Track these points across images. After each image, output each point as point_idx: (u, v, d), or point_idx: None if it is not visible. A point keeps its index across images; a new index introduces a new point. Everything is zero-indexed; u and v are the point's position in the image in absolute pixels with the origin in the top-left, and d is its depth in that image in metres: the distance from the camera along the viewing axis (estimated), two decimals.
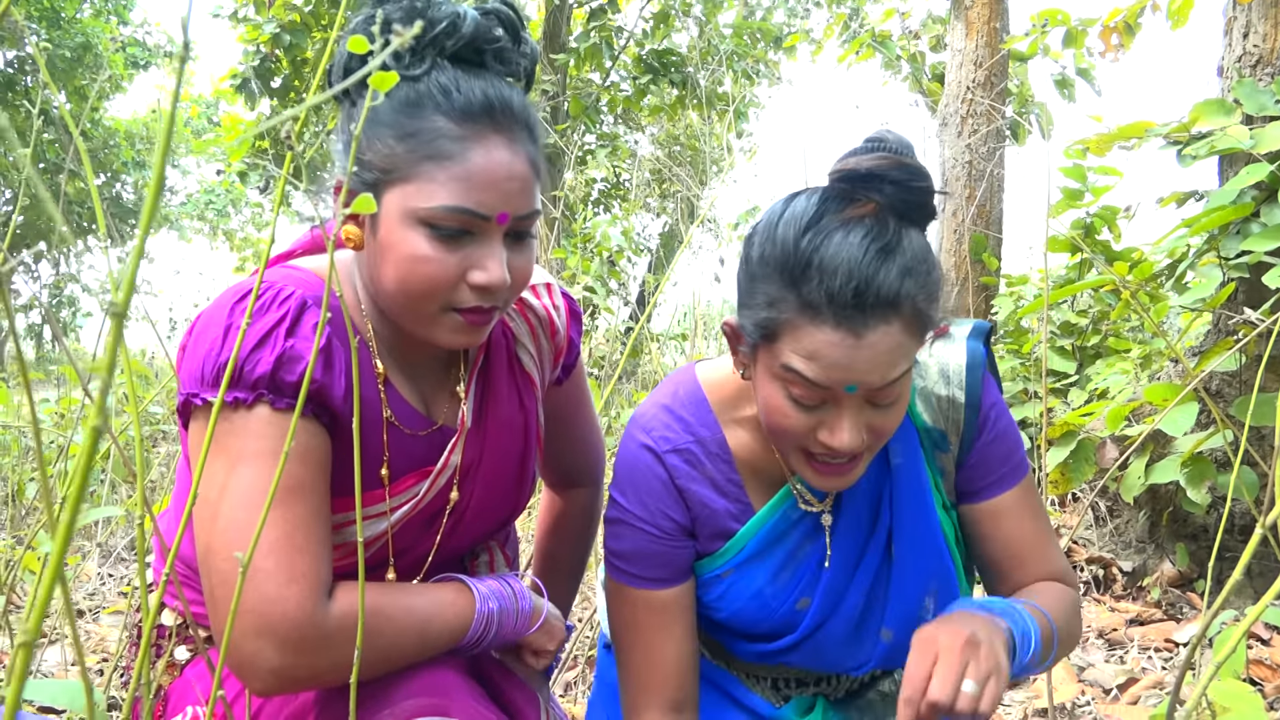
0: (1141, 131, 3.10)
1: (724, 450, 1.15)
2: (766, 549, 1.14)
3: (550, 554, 1.47)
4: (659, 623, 1.15)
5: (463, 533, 1.18)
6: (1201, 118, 2.91)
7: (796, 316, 0.95)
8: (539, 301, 1.25)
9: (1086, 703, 2.09)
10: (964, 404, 1.14)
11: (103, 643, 2.24)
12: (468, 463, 1.15)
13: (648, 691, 1.15)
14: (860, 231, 0.94)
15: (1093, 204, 4.11)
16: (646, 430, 1.15)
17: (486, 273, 0.98)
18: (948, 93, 4.81)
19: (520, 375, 1.23)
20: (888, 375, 0.96)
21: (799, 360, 0.96)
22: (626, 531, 1.14)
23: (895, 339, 0.95)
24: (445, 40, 1.00)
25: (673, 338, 6.08)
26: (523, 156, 1.00)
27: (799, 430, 1.00)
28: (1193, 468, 2.56)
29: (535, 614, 1.15)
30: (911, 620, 1.15)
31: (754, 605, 1.16)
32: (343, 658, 0.96)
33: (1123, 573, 2.92)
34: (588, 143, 9.43)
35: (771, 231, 0.99)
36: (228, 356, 0.97)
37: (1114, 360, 3.95)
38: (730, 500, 1.15)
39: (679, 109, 8.90)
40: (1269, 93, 2.82)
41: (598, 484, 1.48)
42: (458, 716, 1.00)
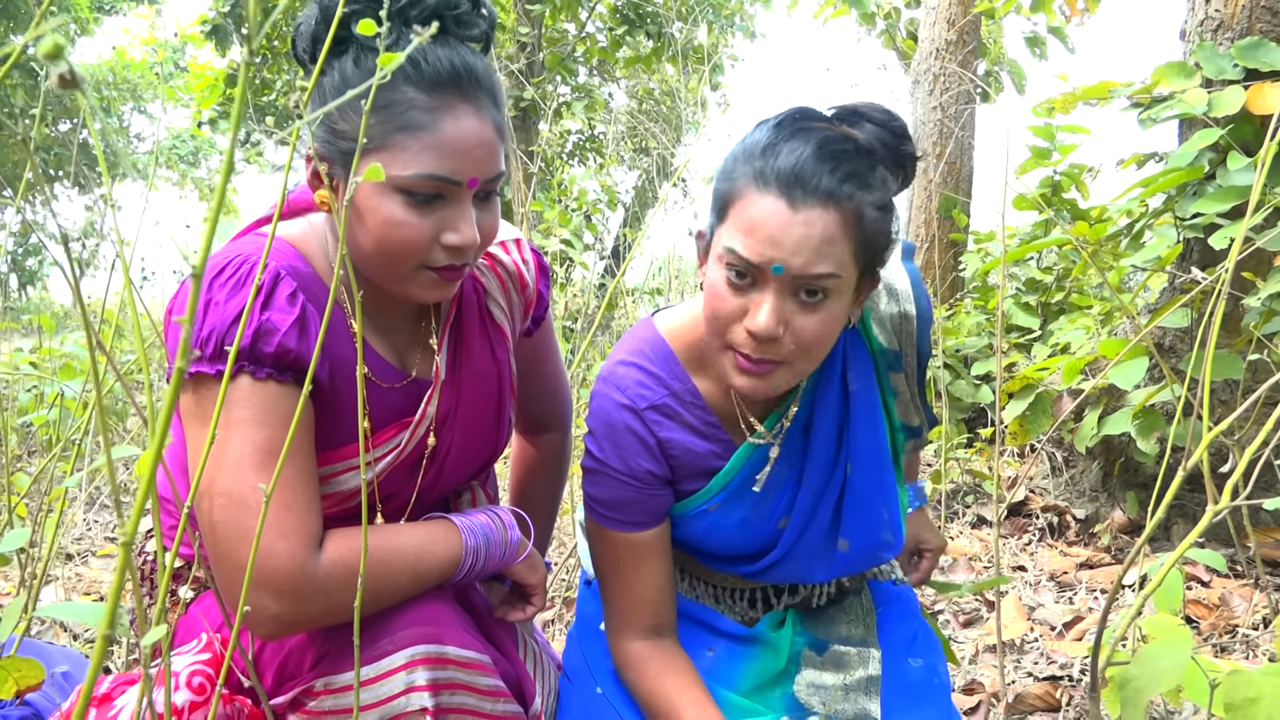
0: (1105, 92, 3.18)
1: (697, 397, 1.22)
2: (748, 481, 1.23)
3: (525, 497, 1.55)
4: (638, 559, 1.23)
5: (446, 477, 1.26)
6: (1163, 80, 2.99)
7: (746, 185, 1.04)
8: (509, 256, 1.32)
9: (1035, 639, 2.21)
10: (915, 315, 1.22)
11: (95, 584, 2.31)
12: (444, 412, 1.22)
13: (629, 618, 1.24)
14: (825, 136, 1.03)
15: (1060, 162, 4.20)
16: (622, 389, 1.20)
17: (459, 234, 1.05)
18: (920, 51, 4.86)
19: (492, 327, 1.29)
20: (813, 263, 1.01)
21: (739, 235, 1.03)
22: (605, 481, 1.21)
23: (829, 228, 1.01)
24: (410, 10, 1.05)
25: (647, 292, 6.14)
26: (489, 123, 1.06)
27: (729, 314, 1.06)
28: (1143, 420, 2.67)
29: (522, 545, 1.23)
30: (864, 531, 1.25)
31: (741, 532, 1.25)
32: (337, 602, 1.04)
33: (1076, 520, 3.05)
34: (562, 93, 9.39)
35: (749, 133, 1.08)
36: (210, 329, 1.04)
37: (1076, 316, 4.06)
38: (712, 441, 1.22)
39: (655, 61, 8.87)
40: (1228, 57, 2.90)
41: (567, 429, 1.56)
42: (451, 644, 1.10)
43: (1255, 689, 1.16)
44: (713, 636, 1.34)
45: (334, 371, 1.12)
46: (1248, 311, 2.45)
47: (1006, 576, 2.04)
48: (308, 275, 1.12)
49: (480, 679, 1.12)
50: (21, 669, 0.88)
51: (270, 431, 1.04)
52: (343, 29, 1.04)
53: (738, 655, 1.32)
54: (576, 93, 9.53)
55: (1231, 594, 2.34)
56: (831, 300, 1.05)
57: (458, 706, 1.10)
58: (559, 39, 8.94)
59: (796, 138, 1.03)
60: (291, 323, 1.06)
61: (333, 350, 1.12)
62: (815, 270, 1.02)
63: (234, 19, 8.74)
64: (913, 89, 4.91)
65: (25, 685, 0.89)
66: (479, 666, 1.11)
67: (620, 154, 9.26)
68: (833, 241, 1.02)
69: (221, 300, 1.04)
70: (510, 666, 1.22)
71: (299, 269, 1.11)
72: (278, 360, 1.05)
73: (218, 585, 1.06)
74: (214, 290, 1.05)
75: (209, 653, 1.13)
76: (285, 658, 1.14)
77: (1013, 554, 2.87)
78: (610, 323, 5.53)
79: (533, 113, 7.52)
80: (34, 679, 0.89)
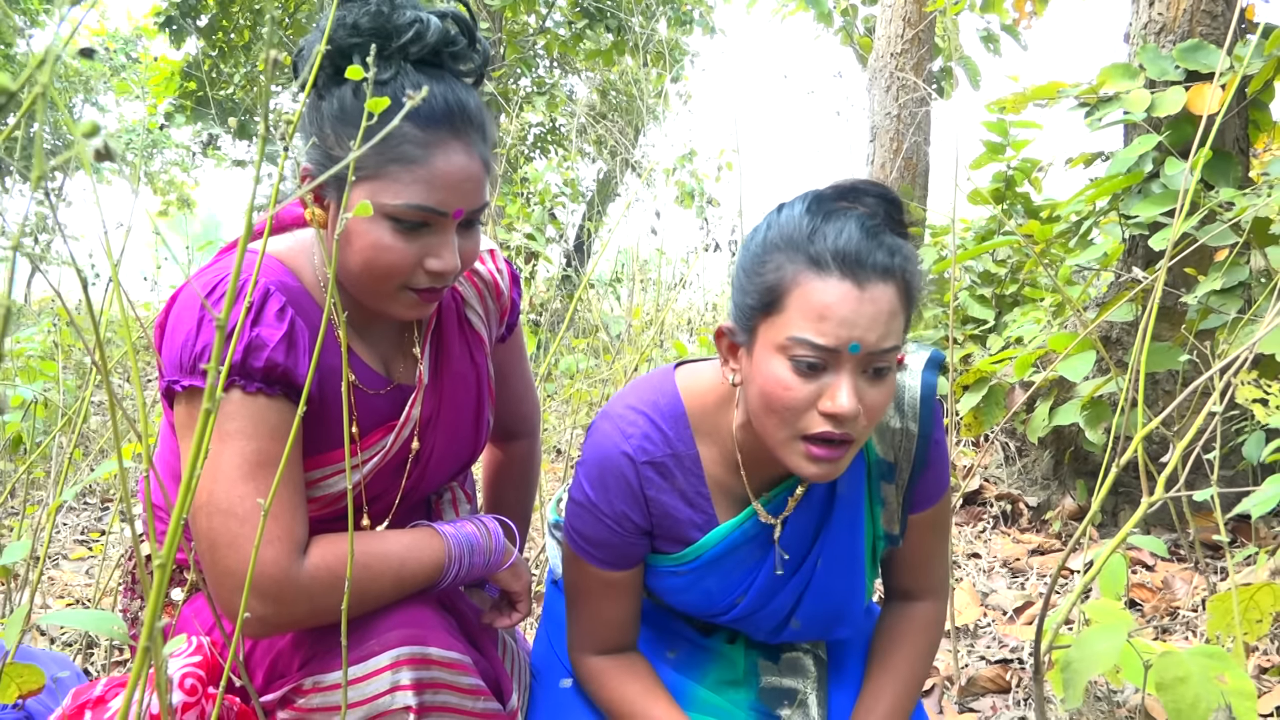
0: (1054, 92, 3.28)
1: (696, 466, 1.23)
2: (723, 557, 1.25)
3: (498, 504, 1.60)
4: (608, 593, 1.27)
5: (429, 477, 1.31)
6: (1108, 81, 3.09)
7: (804, 272, 1.03)
8: (484, 267, 1.38)
9: (988, 624, 2.31)
10: (916, 435, 1.21)
11: (67, 588, 2.33)
12: (427, 415, 1.28)
13: (592, 639, 1.29)
14: (857, 214, 1.05)
15: (1014, 158, 4.30)
16: (627, 437, 1.21)
17: (442, 260, 1.11)
18: (877, 48, 4.95)
19: (470, 334, 1.35)
20: (885, 337, 1.03)
21: (806, 323, 1.03)
22: (589, 518, 1.23)
23: (892, 302, 1.03)
24: (411, 47, 1.10)
25: (608, 284, 6.19)
26: (477, 158, 1.12)
27: (800, 403, 1.05)
28: (1091, 411, 2.78)
29: (508, 553, 1.28)
30: (818, 620, 1.29)
31: (700, 599, 1.29)
32: (321, 605, 1.09)
33: (1029, 507, 3.15)
34: (523, 86, 9.39)
35: (773, 221, 1.09)
36: (202, 346, 1.09)
37: (1029, 309, 4.17)
38: (696, 511, 1.24)
39: (615, 55, 8.90)
40: (1170, 59, 3.01)
41: (535, 435, 1.61)
42: (434, 645, 1.15)
43: (1184, 669, 1.24)
44: (673, 638, 1.39)
45: (322, 380, 1.17)
46: (1189, 307, 2.55)
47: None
48: (296, 290, 1.17)
49: (462, 678, 1.17)
50: (23, 674, 0.92)
51: (260, 444, 1.09)
52: (344, 59, 1.09)
53: (699, 656, 1.37)
54: (538, 86, 9.54)
55: (1174, 577, 2.45)
56: (892, 372, 1.08)
57: (441, 705, 1.15)
58: (519, 32, 8.94)
59: (834, 219, 1.04)
60: (280, 338, 1.11)
61: (320, 360, 1.17)
62: (886, 345, 1.04)
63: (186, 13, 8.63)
64: (870, 86, 5.00)
65: (27, 690, 0.93)
66: (461, 667, 1.17)
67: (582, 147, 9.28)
68: (896, 315, 1.04)
69: (211, 318, 1.08)
70: (489, 666, 1.28)
71: (287, 284, 1.16)
72: (267, 374, 1.10)
73: (210, 590, 1.10)
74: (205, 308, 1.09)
75: (200, 655, 1.18)
76: (275, 658, 1.18)
77: (968, 541, 2.97)
78: (575, 316, 5.58)
79: (494, 108, 7.52)
80: (35, 684, 0.93)
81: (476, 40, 1.16)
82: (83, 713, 1.16)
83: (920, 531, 1.30)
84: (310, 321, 1.16)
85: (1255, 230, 2.42)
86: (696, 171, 5.39)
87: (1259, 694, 1.83)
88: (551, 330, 5.13)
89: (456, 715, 1.16)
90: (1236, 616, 1.40)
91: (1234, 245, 2.46)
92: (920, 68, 4.91)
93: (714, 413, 1.22)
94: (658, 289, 5.00)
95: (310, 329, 1.15)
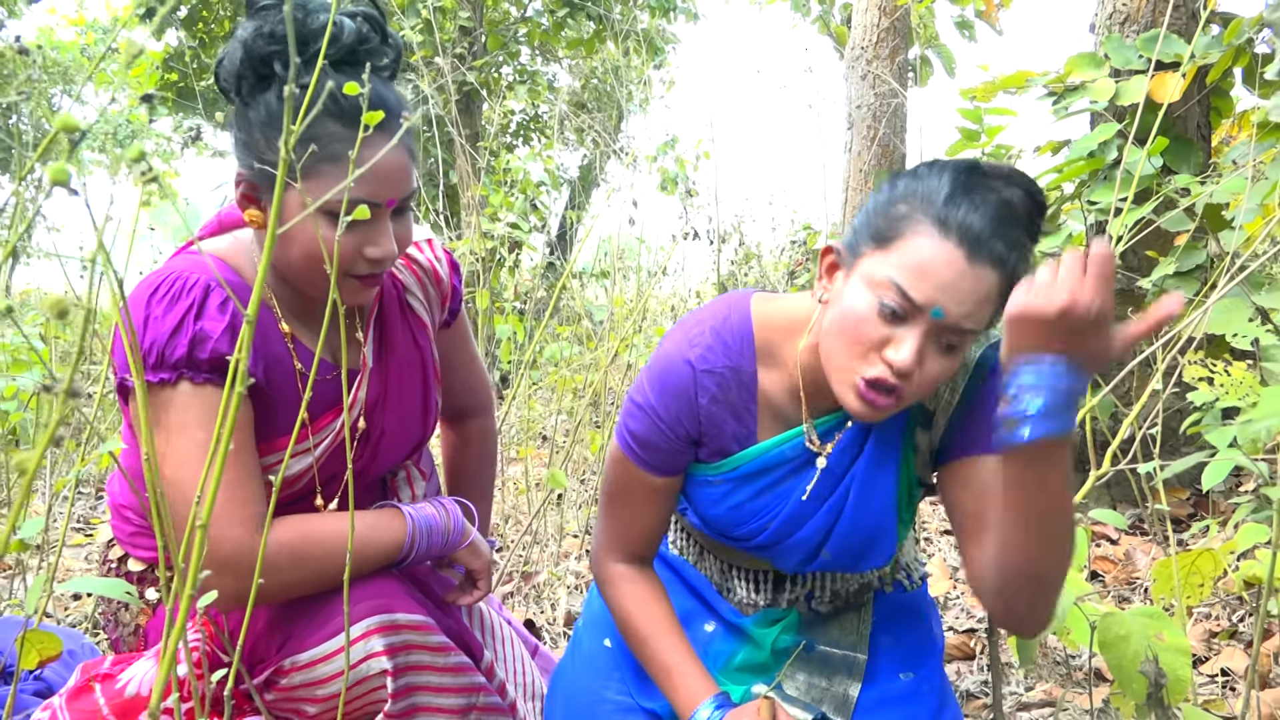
0: (1022, 81, 3.36)
1: (751, 384, 1.27)
2: (756, 475, 1.29)
3: (459, 484, 1.67)
4: (648, 498, 1.33)
5: (381, 457, 1.39)
6: (1075, 70, 3.18)
7: (927, 225, 1.06)
8: (423, 255, 1.46)
9: (957, 596, 2.40)
10: (960, 393, 1.24)
11: (67, 573, 2.40)
12: (374, 397, 1.35)
13: (620, 542, 1.35)
14: (1010, 199, 1.06)
15: (988, 144, 4.39)
16: (692, 345, 1.26)
17: (380, 248, 1.20)
18: (854, 37, 5.02)
19: (412, 318, 1.43)
20: (969, 316, 1.06)
21: (906, 272, 1.06)
22: (645, 421, 1.28)
23: (991, 288, 1.05)
24: (328, 50, 1.16)
25: (594, 274, 6.25)
26: (402, 149, 1.19)
27: (870, 341, 1.09)
28: None
29: (466, 533, 1.36)
30: (845, 551, 1.32)
31: (729, 514, 1.33)
32: (288, 579, 1.19)
33: None
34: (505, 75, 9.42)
35: (922, 173, 1.11)
36: (152, 342, 1.16)
37: None
38: (740, 426, 1.29)
39: (597, 43, 8.94)
40: (1134, 48, 3.10)
41: (488, 412, 1.68)
42: (400, 610, 1.24)
43: (1126, 627, 1.34)
44: (711, 615, 1.45)
45: (268, 369, 1.24)
46: (1148, 292, 2.65)
47: None
48: (237, 284, 1.25)
49: (430, 638, 1.26)
50: (43, 641, 0.99)
51: (212, 431, 1.15)
52: (265, 67, 1.16)
53: (731, 640, 1.43)
54: (520, 75, 9.57)
55: (1135, 550, 2.55)
56: (961, 351, 1.10)
57: (414, 664, 1.25)
58: (500, 21, 8.97)
59: (977, 194, 1.06)
60: (223, 329, 1.18)
61: (265, 350, 1.24)
62: (968, 324, 1.07)
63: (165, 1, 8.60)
64: (846, 75, 5.08)
65: (46, 656, 1.00)
66: (427, 628, 1.26)
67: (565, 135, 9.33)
68: (990, 301, 1.06)
69: (159, 315, 1.16)
70: (454, 625, 1.36)
71: (229, 279, 1.24)
72: (214, 365, 1.17)
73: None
74: (151, 306, 1.17)
75: (200, 632, 1.26)
76: (254, 643, 1.27)
77: (941, 519, 3.06)
78: (559, 305, 5.65)
79: (475, 98, 7.56)
80: (54, 650, 1.01)
81: (389, 36, 1.23)
82: (92, 686, 1.24)
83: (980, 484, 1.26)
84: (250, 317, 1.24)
85: (1209, 215, 2.51)
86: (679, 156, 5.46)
87: (1208, 657, 1.93)
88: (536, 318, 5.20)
89: (430, 672, 1.26)
90: (1177, 581, 1.49)
91: (1191, 230, 2.55)
92: (896, 56, 4.99)
93: (781, 339, 1.26)
94: (638, 277, 5.07)
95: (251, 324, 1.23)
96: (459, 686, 1.30)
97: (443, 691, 1.28)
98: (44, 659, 1.00)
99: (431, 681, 1.27)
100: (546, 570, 2.51)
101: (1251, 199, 2.42)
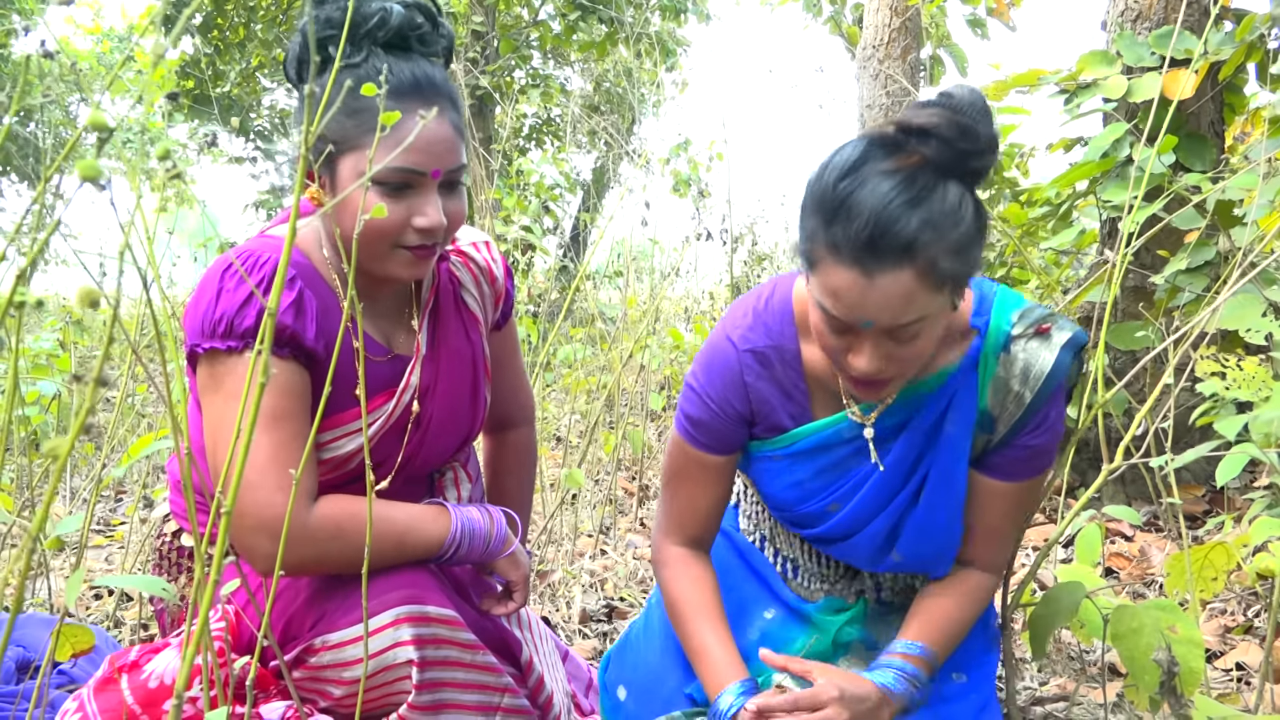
0: (1034, 80, 3.36)
1: (796, 361, 1.30)
2: (814, 452, 1.32)
3: (497, 493, 1.68)
4: (704, 478, 1.37)
5: (429, 444, 1.41)
6: (1087, 68, 3.18)
7: (824, 253, 1.09)
8: (479, 255, 1.50)
9: None
10: (1026, 405, 1.23)
11: (90, 573, 2.43)
12: (426, 383, 1.38)
13: (680, 525, 1.39)
14: (892, 182, 1.05)
15: (1001, 143, 4.38)
16: (735, 326, 1.32)
17: (427, 217, 1.23)
18: (865, 37, 5.03)
19: (466, 313, 1.46)
20: (899, 317, 1.08)
21: (825, 295, 1.10)
22: (696, 400, 1.33)
23: (906, 285, 1.06)
24: (377, 32, 1.24)
25: (607, 276, 6.27)
26: (446, 123, 1.24)
27: (834, 349, 1.16)
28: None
29: (508, 542, 1.37)
30: (919, 555, 1.34)
31: (791, 491, 1.35)
32: (325, 551, 1.23)
33: None
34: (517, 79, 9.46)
35: (821, 172, 1.12)
36: (222, 312, 1.22)
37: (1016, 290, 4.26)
38: (793, 403, 1.32)
39: (609, 46, 8.97)
40: (1146, 45, 3.10)
41: (530, 423, 1.70)
42: (432, 604, 1.26)
43: (1139, 620, 1.34)
44: (772, 601, 1.47)
45: (328, 347, 1.28)
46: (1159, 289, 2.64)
47: None
48: (305, 267, 1.30)
49: (460, 634, 1.28)
50: (76, 635, 1.01)
51: (272, 400, 1.22)
52: (322, 51, 1.23)
53: (792, 626, 1.44)
54: (532, 79, 9.61)
55: (1150, 547, 2.54)
56: (926, 327, 1.12)
57: (443, 659, 1.26)
58: (512, 25, 9.01)
59: (863, 191, 1.06)
60: (289, 304, 1.24)
61: (326, 326, 1.29)
62: (902, 321, 1.09)
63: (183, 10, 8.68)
64: (858, 75, 5.08)
65: (79, 649, 1.02)
66: (457, 623, 1.27)
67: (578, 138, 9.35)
68: (913, 295, 1.07)
69: (231, 288, 1.22)
70: (492, 624, 1.37)
71: (298, 261, 1.30)
72: (276, 337, 1.23)
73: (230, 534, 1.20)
74: (225, 280, 1.23)
75: (224, 621, 1.28)
76: (289, 621, 1.29)
77: None
78: (572, 307, 5.67)
79: (488, 101, 7.60)
80: (86, 644, 1.03)
81: (440, 24, 1.30)
82: (118, 677, 1.26)
83: (1000, 504, 1.32)
84: (319, 295, 1.28)
85: (1219, 212, 2.51)
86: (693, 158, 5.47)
87: (1223, 652, 1.93)
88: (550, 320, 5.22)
89: (458, 668, 1.27)
90: (1189, 575, 1.50)
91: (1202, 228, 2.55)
92: (908, 55, 4.99)
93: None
94: (651, 278, 5.09)
95: (318, 300, 1.28)
96: (486, 684, 1.31)
97: (469, 688, 1.30)
98: (78, 651, 1.02)
99: (459, 678, 1.28)
100: (561, 569, 2.52)
101: (1264, 195, 2.42)
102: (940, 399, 1.27)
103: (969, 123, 1.06)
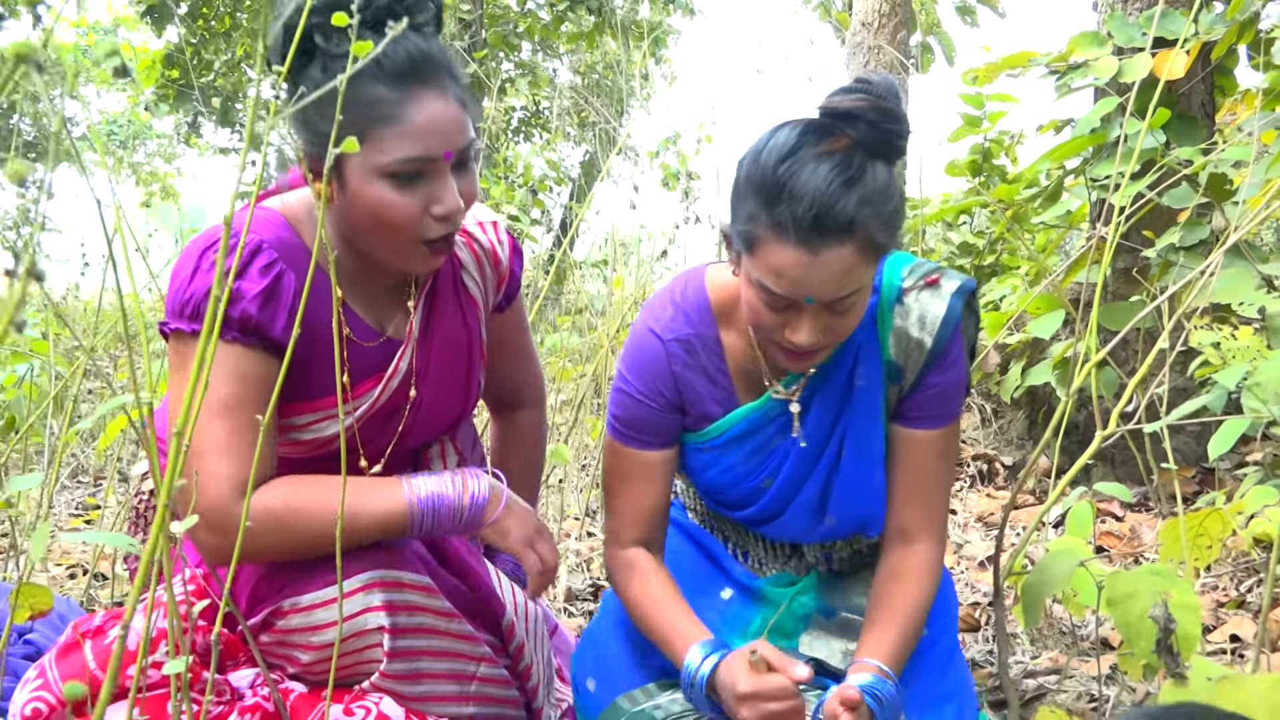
0: (1025, 61, 3.34)
1: (717, 346, 1.34)
2: (744, 436, 1.35)
3: (506, 474, 1.63)
4: (645, 475, 1.37)
5: (419, 427, 1.37)
6: (1078, 49, 3.15)
7: (767, 233, 1.12)
8: (485, 236, 1.44)
9: (961, 571, 2.38)
10: (928, 350, 1.29)
11: (65, 554, 2.38)
12: (418, 368, 1.33)
13: (627, 527, 1.38)
14: (829, 164, 1.10)
15: (990, 130, 4.36)
16: (656, 319, 1.34)
17: (444, 204, 1.17)
18: (854, 23, 5.00)
19: (465, 297, 1.40)
20: (840, 290, 1.13)
21: (767, 275, 1.13)
22: (628, 401, 1.35)
23: (848, 260, 1.11)
24: (363, 12, 1.11)
25: (594, 264, 6.23)
26: (452, 100, 1.17)
27: (769, 327, 1.18)
28: (1062, 370, 2.85)
29: (493, 501, 1.26)
30: (850, 513, 1.38)
31: (725, 477, 1.38)
32: (266, 543, 1.16)
33: (1004, 466, 3.23)
34: (506, 70, 9.41)
35: (757, 156, 1.15)
36: (192, 293, 1.17)
37: (1006, 277, 4.24)
38: (718, 389, 1.35)
39: (597, 36, 8.92)
40: (1136, 26, 3.07)
41: (541, 403, 1.65)
42: (406, 569, 1.23)
43: (1133, 585, 1.31)
44: (726, 580, 1.47)
45: (314, 331, 1.22)
46: (1152, 264, 2.62)
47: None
48: (293, 245, 1.23)
49: (435, 601, 1.24)
50: (35, 595, 0.97)
51: (231, 388, 1.16)
52: (307, 41, 1.14)
53: (748, 605, 1.45)
54: (520, 69, 9.56)
55: (1141, 525, 2.52)
56: (860, 297, 1.17)
57: (417, 626, 1.22)
58: (501, 16, 8.95)
59: (808, 167, 1.10)
60: (258, 292, 1.17)
61: (313, 312, 1.22)
62: (842, 294, 1.14)
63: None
64: (848, 60, 5.05)
65: (37, 610, 0.98)
66: (431, 590, 1.24)
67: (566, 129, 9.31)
68: (853, 269, 1.12)
69: (206, 269, 1.17)
70: (472, 591, 1.33)
71: (285, 239, 1.22)
72: (242, 325, 1.17)
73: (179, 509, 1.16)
74: (202, 260, 1.18)
75: (193, 584, 1.24)
76: (256, 584, 1.25)
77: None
78: (559, 295, 5.63)
79: (476, 91, 7.55)
80: (45, 604, 0.99)
81: None
82: (83, 642, 1.22)
83: (922, 455, 1.34)
84: (302, 274, 1.21)
85: (1212, 187, 2.48)
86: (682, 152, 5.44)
87: (1215, 626, 1.90)
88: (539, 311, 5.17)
89: (433, 635, 1.24)
90: (1184, 541, 1.47)
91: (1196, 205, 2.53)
92: (896, 41, 4.96)
93: (734, 305, 1.32)
94: (638, 263, 5.05)
95: (300, 282, 1.21)
96: (462, 653, 1.28)
97: (443, 656, 1.26)
98: (35, 613, 0.98)
99: (434, 645, 1.25)
100: None
101: (1256, 174, 2.40)
102: (846, 356, 1.32)
103: (890, 105, 1.13)
